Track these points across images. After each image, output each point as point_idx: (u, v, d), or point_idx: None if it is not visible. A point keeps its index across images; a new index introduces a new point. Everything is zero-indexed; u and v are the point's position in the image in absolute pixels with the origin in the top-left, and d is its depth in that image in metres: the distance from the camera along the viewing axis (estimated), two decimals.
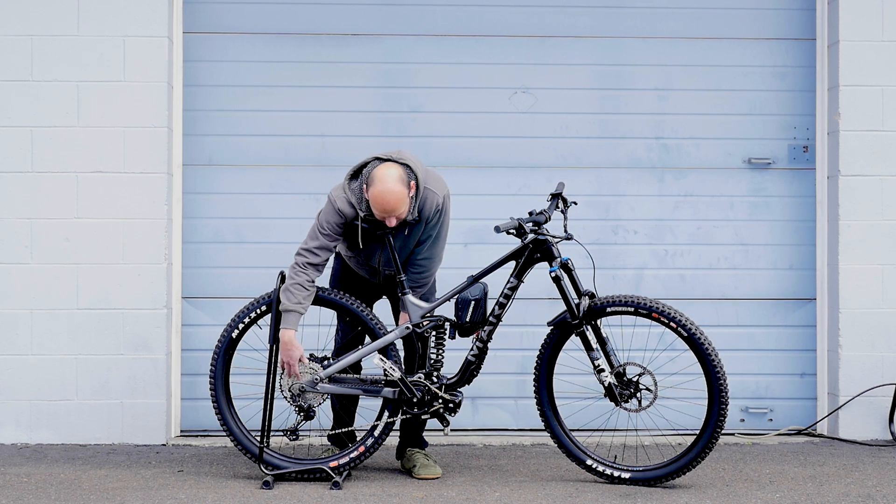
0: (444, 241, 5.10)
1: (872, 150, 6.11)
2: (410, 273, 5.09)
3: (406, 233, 4.99)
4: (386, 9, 6.29)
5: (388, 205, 4.75)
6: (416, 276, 5.09)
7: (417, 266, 5.09)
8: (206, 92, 6.22)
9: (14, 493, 4.82)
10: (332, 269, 5.30)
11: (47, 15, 5.93)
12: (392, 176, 4.77)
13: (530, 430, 6.19)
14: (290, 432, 5.00)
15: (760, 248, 6.34)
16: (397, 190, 4.76)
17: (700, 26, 6.35)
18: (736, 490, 4.87)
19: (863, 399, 6.08)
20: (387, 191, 4.74)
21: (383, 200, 4.75)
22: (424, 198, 4.91)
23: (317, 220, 4.95)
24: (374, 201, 4.77)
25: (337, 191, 4.95)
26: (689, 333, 4.80)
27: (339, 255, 5.25)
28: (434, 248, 5.07)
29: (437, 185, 4.96)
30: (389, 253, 4.97)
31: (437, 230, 5.02)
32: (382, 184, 4.75)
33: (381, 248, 5.02)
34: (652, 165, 6.33)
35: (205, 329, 6.12)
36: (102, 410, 5.93)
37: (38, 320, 5.92)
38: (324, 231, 4.91)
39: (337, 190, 4.95)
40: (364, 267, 5.15)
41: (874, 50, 6.11)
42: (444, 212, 4.99)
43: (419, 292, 5.12)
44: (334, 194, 4.93)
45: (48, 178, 5.93)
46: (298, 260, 4.94)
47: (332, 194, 4.94)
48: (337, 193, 4.93)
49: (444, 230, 5.06)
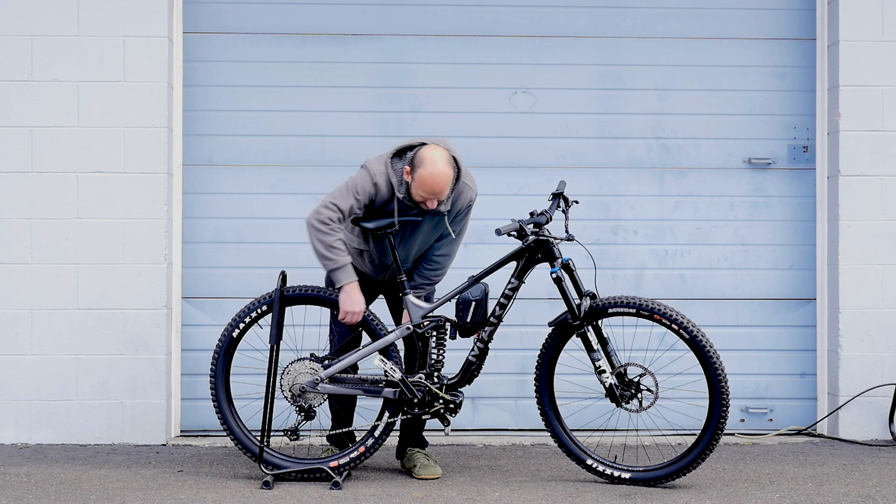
0: (460, 241, 5.13)
1: (872, 150, 6.11)
2: (424, 270, 5.10)
3: (430, 225, 4.99)
4: (386, 9, 6.29)
5: (437, 186, 4.77)
6: (429, 272, 5.10)
7: (433, 262, 5.10)
8: (206, 92, 6.22)
9: (14, 493, 4.82)
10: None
11: (47, 15, 5.93)
12: (442, 158, 4.79)
13: (530, 430, 6.19)
14: (290, 432, 5.00)
15: (760, 248, 6.34)
16: (447, 172, 4.79)
17: (700, 26, 6.35)
18: (736, 490, 4.87)
19: (863, 399, 6.09)
20: (437, 172, 4.76)
21: (433, 182, 4.76)
22: (460, 191, 4.95)
23: (349, 183, 4.89)
24: (421, 181, 4.77)
25: (377, 165, 4.90)
26: (691, 335, 4.80)
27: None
28: (452, 245, 5.10)
29: (471, 181, 5.01)
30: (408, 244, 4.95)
31: (459, 227, 5.05)
32: (433, 165, 4.76)
33: (400, 240, 5.00)
34: (652, 165, 6.33)
35: (205, 329, 6.12)
36: (102, 410, 5.93)
37: (38, 320, 5.92)
38: (358, 195, 4.86)
39: (377, 164, 4.91)
40: (374, 263, 5.13)
41: (874, 50, 6.11)
42: (470, 210, 5.04)
43: (427, 290, 5.12)
44: (374, 168, 4.89)
45: (48, 178, 5.93)
46: (329, 215, 4.83)
47: (372, 167, 4.89)
48: (377, 168, 4.89)
49: (465, 229, 5.10)
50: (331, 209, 4.86)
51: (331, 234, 4.85)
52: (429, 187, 4.78)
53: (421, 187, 4.79)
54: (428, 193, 4.79)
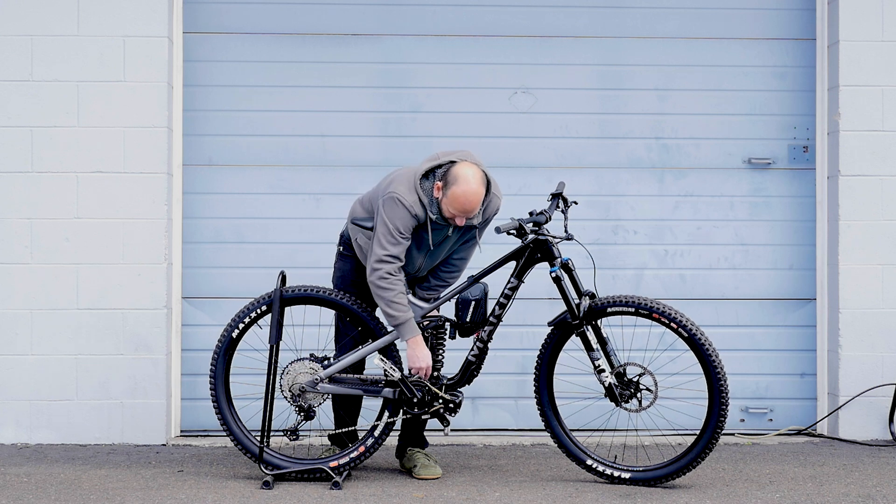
0: (476, 247, 5.12)
1: (872, 150, 6.11)
2: (441, 273, 5.11)
3: (457, 235, 5.00)
4: (386, 9, 6.29)
5: (470, 205, 4.76)
6: (446, 275, 5.11)
7: (451, 266, 5.11)
8: (206, 92, 6.22)
9: (14, 493, 4.82)
10: (339, 269, 5.25)
11: (47, 15, 5.93)
12: (476, 177, 4.77)
13: (530, 430, 6.19)
14: (290, 432, 5.00)
15: (760, 248, 6.34)
16: (480, 191, 4.77)
17: (700, 26, 6.35)
18: (736, 490, 4.87)
19: (863, 399, 6.09)
20: (472, 191, 4.74)
21: (466, 201, 4.74)
22: (489, 200, 4.94)
23: (389, 226, 4.81)
24: (454, 200, 4.75)
25: (408, 194, 4.83)
26: (690, 334, 4.80)
27: (349, 256, 5.20)
28: (471, 249, 5.11)
29: (498, 191, 4.99)
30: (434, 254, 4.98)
31: (480, 233, 5.05)
32: (467, 184, 4.74)
33: (427, 251, 4.99)
34: (652, 165, 6.33)
35: (205, 329, 6.12)
36: (102, 410, 5.93)
37: (38, 320, 5.92)
38: (403, 235, 4.83)
39: (408, 194, 4.83)
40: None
41: (874, 50, 6.11)
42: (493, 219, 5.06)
43: (439, 291, 5.12)
44: (408, 199, 4.82)
45: (48, 178, 5.93)
46: (389, 268, 4.83)
47: (406, 199, 4.82)
48: (410, 198, 4.83)
49: (483, 234, 5.10)
50: (388, 262, 4.84)
51: (391, 289, 4.84)
52: (461, 206, 4.76)
53: (453, 205, 4.76)
54: (460, 212, 4.77)
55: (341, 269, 5.24)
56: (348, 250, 5.20)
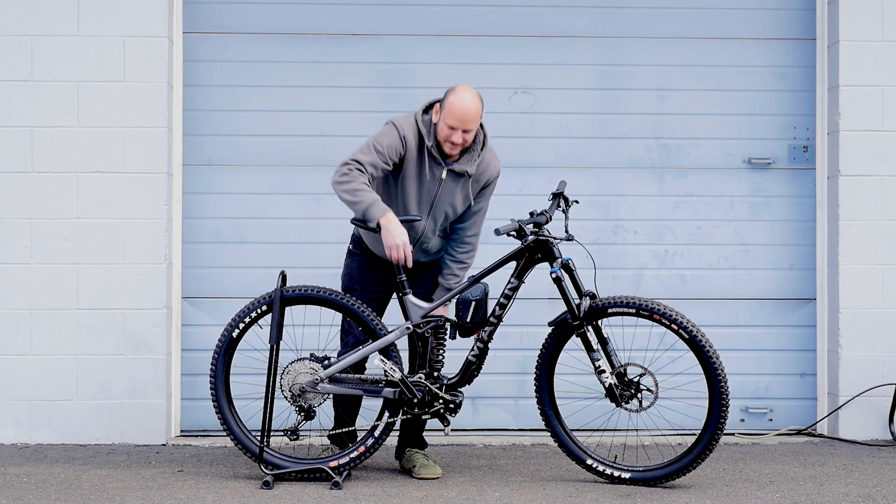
0: (484, 219, 5.17)
1: (872, 150, 6.11)
2: (457, 252, 5.13)
3: (457, 186, 5.02)
4: (386, 9, 6.29)
5: (466, 113, 4.82)
6: (462, 254, 5.14)
7: (464, 244, 5.14)
8: (206, 92, 6.22)
9: (14, 493, 4.82)
10: (346, 266, 5.24)
11: (47, 15, 5.93)
12: (473, 92, 4.89)
13: (530, 430, 6.19)
14: (290, 432, 4.99)
15: (760, 248, 6.34)
16: (476, 101, 4.86)
17: (700, 26, 6.35)
18: (736, 490, 4.87)
19: (863, 399, 6.09)
20: (468, 98, 4.84)
21: (463, 107, 4.82)
22: (488, 162, 5.05)
23: (372, 139, 4.92)
24: (451, 109, 4.83)
25: (404, 120, 4.96)
26: (690, 335, 4.80)
27: (357, 254, 5.20)
28: (480, 224, 5.15)
29: (496, 157, 5.12)
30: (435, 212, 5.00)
31: (485, 203, 5.12)
32: (464, 93, 4.85)
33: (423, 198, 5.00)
34: (652, 165, 6.33)
35: (205, 329, 6.12)
36: (102, 410, 5.93)
37: (38, 320, 5.92)
38: (379, 150, 4.88)
39: (404, 119, 4.97)
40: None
41: (874, 50, 6.11)
42: (493, 187, 5.12)
43: (460, 277, 5.12)
44: (402, 122, 4.94)
45: (48, 178, 5.93)
46: (351, 165, 4.84)
47: (399, 122, 4.94)
48: (405, 122, 4.95)
49: (488, 206, 5.16)
50: (348, 164, 4.86)
51: (351, 182, 4.82)
52: (457, 113, 4.81)
53: (450, 115, 4.83)
54: (457, 120, 4.82)
55: (348, 267, 5.25)
56: (357, 248, 5.21)
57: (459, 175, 5.00)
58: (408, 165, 4.97)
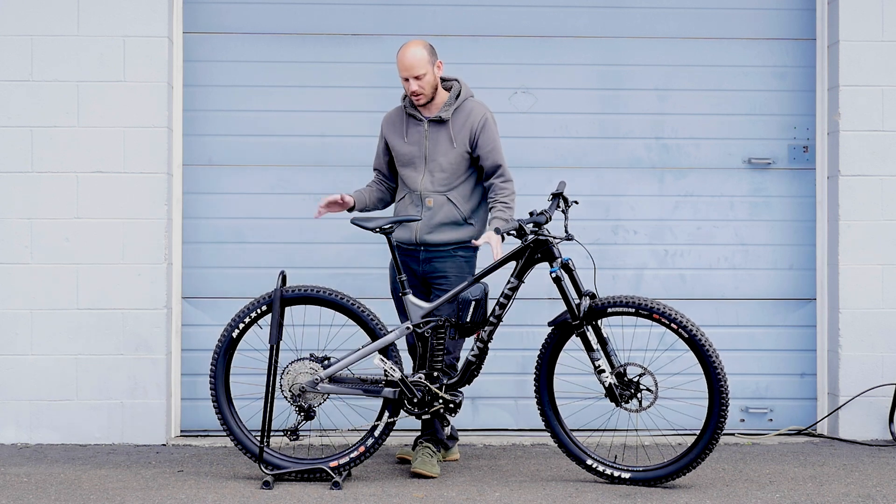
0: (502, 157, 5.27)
1: (872, 150, 6.11)
2: (497, 194, 5.19)
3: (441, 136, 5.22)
4: (386, 9, 6.29)
5: (405, 61, 5.15)
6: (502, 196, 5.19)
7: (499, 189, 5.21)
8: (206, 92, 6.22)
9: (14, 493, 4.82)
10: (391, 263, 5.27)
11: (47, 15, 5.93)
12: (414, 42, 5.25)
13: (530, 430, 6.19)
14: (290, 432, 5.00)
15: (760, 248, 6.34)
16: (415, 49, 5.18)
17: (700, 26, 6.35)
18: (736, 490, 4.87)
19: (863, 399, 6.09)
20: (406, 49, 5.18)
21: (403, 57, 5.17)
22: (470, 108, 5.28)
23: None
24: (397, 63, 5.20)
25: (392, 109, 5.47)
26: (690, 334, 4.80)
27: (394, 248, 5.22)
28: (497, 164, 5.25)
29: (482, 104, 5.37)
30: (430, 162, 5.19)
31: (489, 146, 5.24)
32: (403, 46, 5.22)
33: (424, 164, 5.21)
34: (652, 165, 6.33)
35: (205, 329, 6.12)
36: (102, 410, 5.93)
37: (38, 320, 5.92)
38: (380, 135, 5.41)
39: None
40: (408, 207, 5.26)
41: (874, 50, 6.11)
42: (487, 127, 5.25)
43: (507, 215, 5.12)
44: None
45: (48, 178, 5.93)
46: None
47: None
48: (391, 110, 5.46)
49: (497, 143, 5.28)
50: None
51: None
52: (400, 63, 5.17)
53: (398, 69, 5.19)
54: (403, 70, 5.16)
55: (391, 262, 5.26)
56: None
57: (440, 124, 5.25)
58: (394, 136, 5.32)
